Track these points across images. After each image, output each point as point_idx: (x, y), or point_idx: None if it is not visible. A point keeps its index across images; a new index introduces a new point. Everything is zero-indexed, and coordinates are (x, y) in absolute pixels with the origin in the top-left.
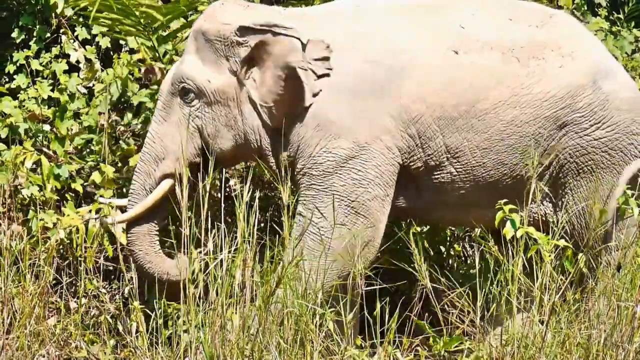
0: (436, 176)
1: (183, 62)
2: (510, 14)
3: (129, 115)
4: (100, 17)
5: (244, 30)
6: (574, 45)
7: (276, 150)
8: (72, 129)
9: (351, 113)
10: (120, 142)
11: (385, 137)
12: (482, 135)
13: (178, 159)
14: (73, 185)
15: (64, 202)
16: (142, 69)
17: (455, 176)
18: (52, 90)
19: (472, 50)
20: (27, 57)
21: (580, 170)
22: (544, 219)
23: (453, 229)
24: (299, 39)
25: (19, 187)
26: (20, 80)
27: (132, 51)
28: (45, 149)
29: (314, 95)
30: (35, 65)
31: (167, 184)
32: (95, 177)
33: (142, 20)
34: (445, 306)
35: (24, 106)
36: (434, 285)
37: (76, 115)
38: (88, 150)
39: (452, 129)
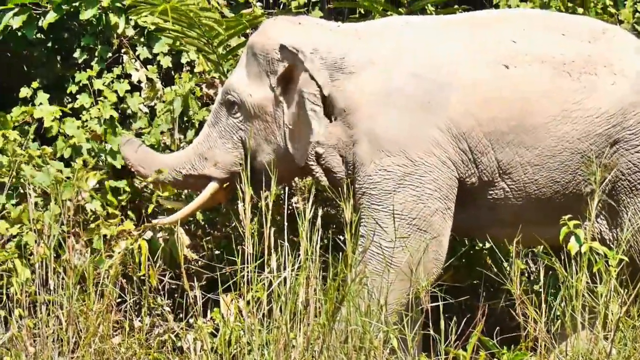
0: (490, 193)
1: (233, 73)
2: (563, 28)
3: (191, 133)
4: (166, 29)
5: (282, 49)
6: (626, 61)
7: (326, 167)
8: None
9: (400, 128)
10: None
11: (438, 151)
12: (533, 151)
13: (216, 164)
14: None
15: (127, 218)
16: (204, 86)
17: (508, 193)
18: (115, 110)
19: (523, 64)
20: (89, 77)
21: (633, 188)
22: (599, 236)
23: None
24: (309, 73)
25: (82, 203)
26: (83, 100)
27: (192, 64)
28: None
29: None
30: (98, 85)
31: (212, 187)
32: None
33: (205, 34)
34: (510, 322)
35: (86, 126)
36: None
37: (138, 135)
38: None
39: (502, 144)
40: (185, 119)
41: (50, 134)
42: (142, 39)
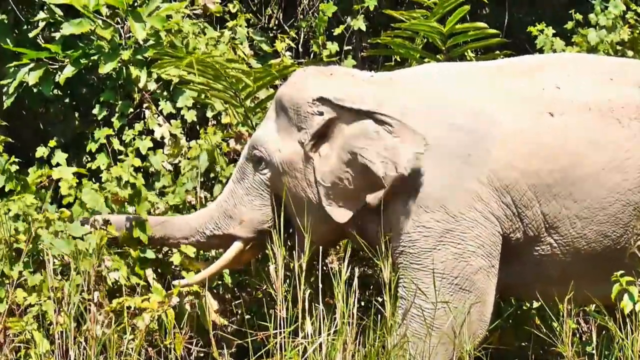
0: (536, 248)
1: (260, 127)
2: (611, 73)
3: (218, 190)
4: (190, 81)
5: (321, 102)
6: None
7: (362, 225)
8: (157, 209)
9: (439, 182)
10: None
11: (480, 205)
12: (581, 204)
13: (242, 223)
14: (161, 270)
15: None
16: (231, 141)
17: (555, 248)
18: (137, 170)
19: (568, 112)
20: (108, 136)
21: None
22: None
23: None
24: (366, 129)
25: (104, 272)
26: (101, 160)
27: (218, 118)
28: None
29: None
30: (116, 145)
31: (237, 247)
32: (175, 258)
33: (232, 86)
34: None
35: (104, 188)
36: None
37: (161, 194)
38: None
39: (548, 197)
40: (212, 175)
41: (67, 201)
42: (165, 93)
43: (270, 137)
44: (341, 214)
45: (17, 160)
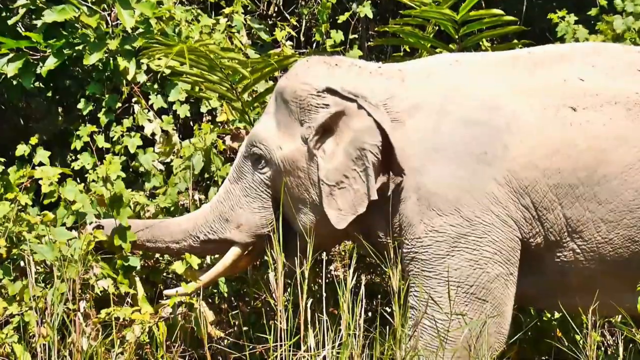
0: (558, 255)
1: (259, 122)
2: (639, 63)
3: (213, 193)
4: (183, 73)
5: (328, 93)
6: None
7: (368, 229)
8: (147, 211)
9: (453, 183)
10: None
11: (497, 208)
12: (607, 206)
13: (239, 227)
14: (151, 278)
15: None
16: (227, 138)
17: (578, 254)
18: (125, 169)
19: (592, 106)
20: (92, 133)
21: None
22: None
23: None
24: (378, 123)
25: (91, 280)
26: (85, 160)
27: (213, 113)
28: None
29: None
30: (100, 142)
31: (234, 252)
32: (177, 267)
33: (228, 78)
34: None
35: (90, 189)
36: None
37: (152, 196)
38: None
39: (571, 199)
40: (207, 176)
41: (49, 200)
42: (155, 86)
43: (270, 133)
44: (341, 218)
45: None
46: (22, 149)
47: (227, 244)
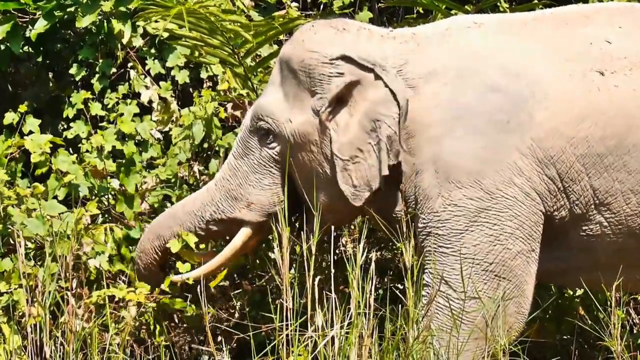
0: (583, 229)
1: (265, 94)
2: None
3: (214, 164)
4: (181, 36)
5: (344, 60)
6: None
7: (382, 203)
8: (145, 183)
9: (473, 154)
10: None
11: (520, 180)
12: (637, 176)
13: (250, 206)
14: None
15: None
16: (229, 106)
17: (606, 228)
18: (122, 139)
19: (620, 70)
20: (86, 100)
21: None
22: None
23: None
24: (394, 94)
25: (84, 257)
26: (79, 128)
27: (214, 79)
28: (113, 210)
29: (394, 165)
30: (96, 109)
31: (245, 233)
32: (173, 245)
33: (230, 41)
34: None
35: (83, 160)
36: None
37: (150, 167)
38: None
39: (599, 169)
40: (207, 146)
41: (40, 171)
42: (152, 50)
43: (277, 105)
44: (358, 193)
45: None
46: (10, 117)
47: (236, 224)
